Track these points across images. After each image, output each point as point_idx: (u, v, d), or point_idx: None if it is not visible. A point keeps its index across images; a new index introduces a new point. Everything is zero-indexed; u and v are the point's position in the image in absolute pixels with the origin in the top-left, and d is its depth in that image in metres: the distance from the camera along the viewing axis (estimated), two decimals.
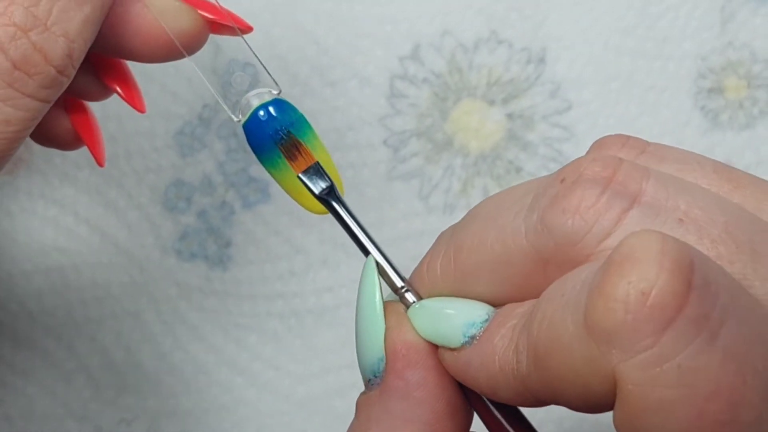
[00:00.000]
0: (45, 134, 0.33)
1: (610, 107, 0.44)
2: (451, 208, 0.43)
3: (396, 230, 0.43)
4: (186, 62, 0.31)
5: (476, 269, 0.25)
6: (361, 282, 0.27)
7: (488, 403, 0.26)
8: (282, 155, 0.29)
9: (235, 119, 0.29)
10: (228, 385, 0.43)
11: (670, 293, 0.19)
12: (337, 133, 0.43)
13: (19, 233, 0.43)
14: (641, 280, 0.20)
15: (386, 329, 0.26)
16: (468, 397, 0.26)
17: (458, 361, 0.25)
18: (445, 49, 0.43)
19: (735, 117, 0.44)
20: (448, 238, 0.26)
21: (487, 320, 0.24)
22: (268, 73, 0.30)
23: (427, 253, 0.27)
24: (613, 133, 0.26)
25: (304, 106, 0.31)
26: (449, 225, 0.27)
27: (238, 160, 0.43)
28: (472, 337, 0.24)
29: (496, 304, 0.25)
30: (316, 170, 0.29)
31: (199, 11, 0.30)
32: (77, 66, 0.28)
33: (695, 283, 0.20)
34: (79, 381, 0.43)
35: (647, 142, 0.25)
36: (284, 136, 0.28)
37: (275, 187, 0.43)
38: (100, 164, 0.33)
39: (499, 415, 0.26)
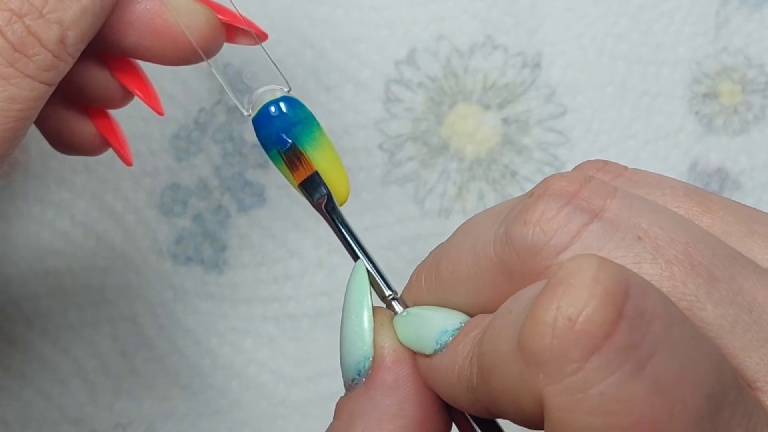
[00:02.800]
0: (71, 143, 0.34)
1: (605, 112, 0.44)
2: (446, 212, 0.43)
3: (391, 234, 0.43)
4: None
5: (453, 279, 0.25)
6: (350, 282, 0.27)
7: (468, 415, 0.26)
8: (284, 164, 0.29)
9: (246, 113, 0.30)
10: (223, 388, 0.43)
11: (597, 321, 0.20)
12: (333, 137, 0.43)
13: (16, 237, 0.43)
14: (569, 306, 0.20)
15: (375, 328, 0.26)
16: (447, 404, 0.26)
17: (428, 367, 0.25)
18: (441, 53, 0.43)
19: (730, 122, 0.44)
20: (436, 250, 0.26)
21: (458, 329, 0.25)
22: (279, 72, 0.31)
23: (419, 265, 0.27)
24: (593, 159, 0.26)
25: None
26: (444, 229, 0.27)
27: (234, 164, 0.43)
28: (444, 345, 0.25)
29: (473, 313, 0.25)
30: (315, 180, 0.29)
31: (217, 14, 0.31)
32: (74, 54, 0.28)
33: (626, 312, 0.20)
34: (74, 385, 0.43)
35: (625, 167, 0.26)
36: (288, 146, 0.29)
37: (271, 191, 0.43)
38: (129, 164, 0.35)
39: (473, 423, 0.26)
